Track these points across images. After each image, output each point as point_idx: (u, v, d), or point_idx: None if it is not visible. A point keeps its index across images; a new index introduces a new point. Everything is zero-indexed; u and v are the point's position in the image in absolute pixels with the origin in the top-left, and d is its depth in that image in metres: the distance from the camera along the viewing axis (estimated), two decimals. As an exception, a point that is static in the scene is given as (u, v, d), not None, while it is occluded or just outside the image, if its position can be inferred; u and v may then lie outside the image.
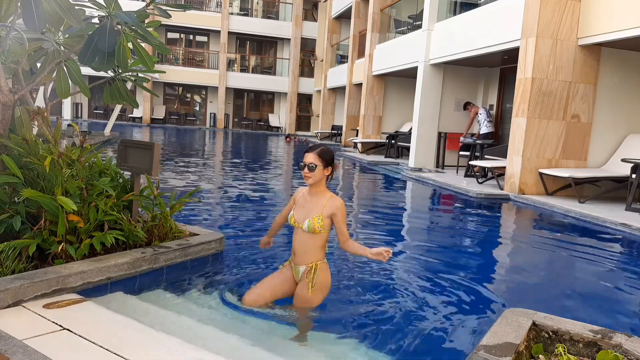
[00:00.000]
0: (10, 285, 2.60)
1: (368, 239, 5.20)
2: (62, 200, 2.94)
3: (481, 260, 4.74)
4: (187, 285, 3.39)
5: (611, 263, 4.83)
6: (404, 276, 3.87)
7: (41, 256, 3.14)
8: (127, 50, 3.39)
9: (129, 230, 3.45)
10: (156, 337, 2.41)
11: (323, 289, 2.91)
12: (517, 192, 8.04)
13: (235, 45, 30.74)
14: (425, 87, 11.97)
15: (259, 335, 2.67)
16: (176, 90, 31.19)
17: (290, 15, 30.33)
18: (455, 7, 11.93)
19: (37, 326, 2.39)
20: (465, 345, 2.74)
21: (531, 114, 7.91)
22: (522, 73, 8.05)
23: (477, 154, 10.28)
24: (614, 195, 7.87)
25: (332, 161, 2.82)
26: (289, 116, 30.20)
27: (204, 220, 5.41)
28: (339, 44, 22.61)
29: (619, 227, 5.98)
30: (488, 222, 6.68)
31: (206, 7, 30.08)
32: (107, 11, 3.06)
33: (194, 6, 28.58)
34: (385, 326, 2.90)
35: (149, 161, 3.60)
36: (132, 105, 4.03)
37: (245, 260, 4.02)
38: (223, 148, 18.60)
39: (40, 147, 3.30)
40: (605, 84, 8.22)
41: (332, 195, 2.85)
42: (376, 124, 16.16)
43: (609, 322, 3.11)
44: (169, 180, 8.19)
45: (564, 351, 2.15)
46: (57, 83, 3.51)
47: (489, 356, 2.00)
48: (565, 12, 7.75)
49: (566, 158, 8.20)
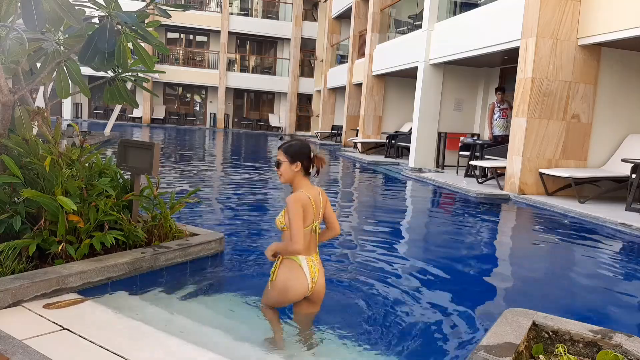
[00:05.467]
0: (10, 285, 2.60)
1: (368, 238, 5.20)
2: (62, 200, 2.94)
3: (481, 260, 4.74)
4: (187, 285, 3.39)
5: (611, 263, 4.83)
6: (404, 276, 3.87)
7: (41, 256, 3.14)
8: (127, 50, 3.39)
9: (129, 230, 3.45)
10: (156, 337, 2.41)
11: (279, 290, 2.59)
12: (517, 192, 8.04)
13: (235, 45, 30.74)
14: (425, 87, 11.97)
15: (259, 335, 2.66)
16: (176, 90, 31.19)
17: (290, 15, 30.32)
18: (455, 7, 11.92)
19: (37, 326, 2.39)
20: (465, 345, 2.74)
21: (531, 114, 7.91)
22: (522, 73, 8.05)
23: (477, 154, 10.27)
24: (614, 195, 7.87)
25: (300, 156, 2.55)
26: (289, 116, 30.19)
27: (203, 220, 5.40)
28: (339, 44, 22.61)
29: (619, 227, 5.98)
30: (488, 222, 6.67)
31: (206, 7, 30.07)
32: (107, 11, 3.06)
33: (194, 6, 28.61)
34: (384, 326, 2.90)
35: (149, 161, 3.61)
36: (132, 105, 4.03)
37: (245, 260, 4.02)
38: (223, 148, 18.60)
39: (40, 147, 3.30)
40: (605, 84, 8.22)
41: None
42: (376, 124, 16.15)
43: (609, 322, 3.11)
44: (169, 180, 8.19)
45: (564, 351, 2.15)
46: (57, 83, 3.50)
47: (489, 356, 2.00)
48: (566, 12, 7.75)
49: (566, 158, 8.20)
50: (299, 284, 2.57)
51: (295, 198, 2.51)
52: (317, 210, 2.61)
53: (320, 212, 2.64)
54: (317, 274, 2.63)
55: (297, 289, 2.58)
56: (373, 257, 4.35)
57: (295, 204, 2.49)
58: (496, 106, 10.41)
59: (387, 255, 4.49)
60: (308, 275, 2.59)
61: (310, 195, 2.56)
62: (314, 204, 2.57)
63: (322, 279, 2.67)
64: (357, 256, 4.40)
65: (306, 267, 2.59)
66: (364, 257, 4.35)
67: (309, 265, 2.60)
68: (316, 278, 2.62)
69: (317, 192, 2.64)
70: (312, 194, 2.58)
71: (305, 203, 2.52)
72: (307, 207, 2.54)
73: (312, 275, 2.60)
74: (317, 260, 2.66)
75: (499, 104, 10.36)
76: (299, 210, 2.48)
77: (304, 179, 2.61)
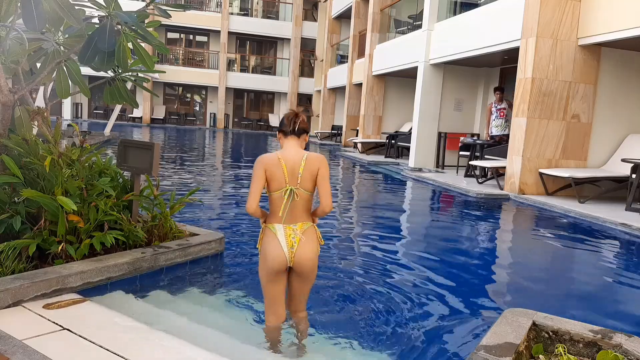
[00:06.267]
0: (10, 285, 2.61)
1: (367, 239, 5.20)
2: (62, 200, 2.94)
3: (481, 260, 4.74)
4: (187, 285, 3.39)
5: (611, 263, 4.83)
6: (403, 276, 3.87)
7: (41, 256, 3.14)
8: (127, 50, 3.40)
9: (129, 230, 3.45)
10: (156, 337, 2.41)
11: (260, 258, 2.59)
12: (517, 192, 8.03)
13: (235, 45, 30.74)
14: (425, 87, 11.97)
15: (259, 335, 2.66)
16: (176, 90, 31.19)
17: (290, 15, 30.32)
18: (455, 7, 11.92)
19: (37, 326, 2.39)
20: (465, 345, 2.74)
21: (531, 114, 7.91)
22: (522, 73, 8.05)
23: (477, 154, 10.27)
24: (614, 195, 7.87)
25: (281, 126, 2.62)
26: (289, 116, 30.16)
27: (204, 220, 5.40)
28: (339, 44, 22.60)
29: (619, 227, 5.98)
30: (488, 222, 6.67)
31: (206, 7, 30.06)
32: (107, 11, 3.06)
33: (194, 6, 28.59)
34: (385, 326, 2.90)
35: (149, 161, 3.61)
36: (132, 105, 4.03)
37: (245, 260, 4.02)
38: (223, 148, 18.60)
39: (40, 147, 3.30)
40: (605, 84, 8.22)
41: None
42: (376, 124, 16.15)
43: (609, 322, 3.11)
44: (169, 180, 8.19)
45: (564, 351, 2.15)
46: (57, 83, 3.51)
47: (489, 356, 2.00)
48: (565, 12, 7.75)
49: (566, 158, 8.20)
50: (274, 252, 2.50)
51: (258, 159, 2.51)
52: (292, 174, 2.49)
53: (299, 177, 2.48)
54: (297, 244, 2.51)
55: (273, 257, 2.51)
56: (372, 257, 4.35)
57: (256, 164, 2.50)
58: (494, 106, 10.41)
59: (386, 255, 4.49)
60: (284, 243, 2.51)
61: (283, 157, 2.50)
62: (284, 166, 2.48)
63: (305, 250, 2.52)
64: (356, 256, 4.40)
65: (282, 236, 2.51)
66: (363, 257, 4.36)
67: (287, 234, 2.51)
68: (295, 248, 2.50)
69: (298, 156, 2.52)
70: (288, 157, 2.51)
71: (268, 164, 2.48)
72: (272, 168, 2.48)
73: (289, 244, 2.51)
74: (300, 230, 2.53)
75: (497, 103, 10.35)
76: (255, 171, 2.48)
77: (287, 141, 2.58)
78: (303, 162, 2.50)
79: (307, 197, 2.53)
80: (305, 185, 2.51)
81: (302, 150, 2.56)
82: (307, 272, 2.56)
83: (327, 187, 2.53)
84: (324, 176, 2.52)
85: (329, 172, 2.55)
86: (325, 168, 2.53)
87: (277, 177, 2.48)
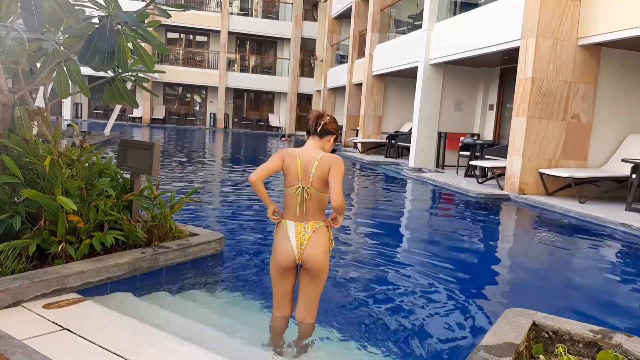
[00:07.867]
0: (10, 285, 2.60)
1: (367, 238, 5.20)
2: (62, 200, 2.94)
3: (481, 260, 4.74)
4: (187, 285, 3.39)
5: (611, 263, 4.83)
6: (404, 276, 3.87)
7: (41, 256, 3.13)
8: (127, 50, 3.39)
9: (128, 231, 3.45)
10: (156, 337, 2.40)
11: (272, 251, 2.68)
12: (517, 192, 8.03)
13: (235, 45, 30.72)
14: (425, 87, 11.97)
15: (259, 335, 2.66)
16: (176, 90, 31.18)
17: (290, 15, 30.30)
18: (455, 7, 11.92)
19: (37, 326, 2.39)
20: (465, 345, 2.74)
21: (531, 114, 7.91)
22: (522, 73, 8.05)
23: (477, 154, 10.27)
24: (614, 195, 7.87)
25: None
26: (288, 116, 30.18)
27: (204, 220, 5.40)
28: (339, 44, 22.59)
29: (619, 227, 5.98)
30: (488, 222, 6.67)
31: (206, 7, 30.05)
32: (107, 11, 3.06)
33: (194, 6, 28.58)
34: (385, 326, 2.90)
35: (149, 161, 3.61)
36: (132, 105, 4.03)
37: (245, 260, 4.02)
38: (223, 148, 18.59)
39: (40, 147, 3.30)
40: (605, 83, 8.22)
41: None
42: (376, 124, 16.15)
43: (609, 322, 3.11)
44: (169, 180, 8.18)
45: (564, 351, 2.15)
46: (57, 83, 3.50)
47: (489, 356, 2.00)
48: (566, 12, 7.75)
49: (566, 158, 8.20)
50: (283, 248, 2.59)
51: (282, 149, 2.65)
52: (305, 173, 2.56)
53: (310, 177, 2.54)
54: (307, 241, 2.55)
55: (281, 252, 2.59)
56: (372, 257, 4.35)
57: (278, 151, 2.65)
58: None
59: (386, 255, 4.49)
60: (294, 240, 2.57)
61: (300, 154, 2.60)
62: (299, 162, 2.57)
63: (313, 248, 2.56)
64: (356, 256, 4.40)
65: (292, 232, 2.58)
66: (362, 257, 4.35)
67: (298, 231, 2.57)
68: (304, 245, 2.55)
69: (313, 155, 2.58)
70: (304, 155, 2.60)
71: (287, 155, 2.61)
72: (289, 160, 2.59)
73: (299, 241, 2.56)
74: (311, 228, 2.57)
75: None
76: (273, 155, 2.62)
77: (309, 140, 2.68)
78: (317, 161, 2.56)
79: (320, 197, 2.59)
80: (317, 185, 2.57)
81: (319, 151, 2.63)
82: (314, 270, 2.60)
83: (336, 184, 2.52)
84: (334, 174, 2.53)
85: (341, 171, 2.56)
86: (336, 167, 2.55)
87: (292, 172, 2.57)
